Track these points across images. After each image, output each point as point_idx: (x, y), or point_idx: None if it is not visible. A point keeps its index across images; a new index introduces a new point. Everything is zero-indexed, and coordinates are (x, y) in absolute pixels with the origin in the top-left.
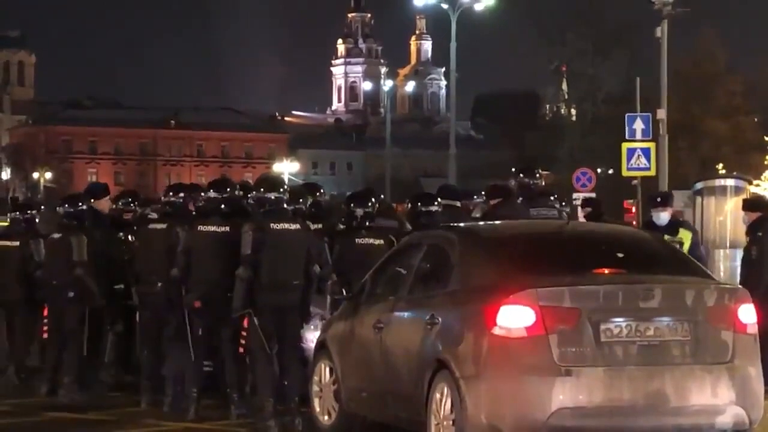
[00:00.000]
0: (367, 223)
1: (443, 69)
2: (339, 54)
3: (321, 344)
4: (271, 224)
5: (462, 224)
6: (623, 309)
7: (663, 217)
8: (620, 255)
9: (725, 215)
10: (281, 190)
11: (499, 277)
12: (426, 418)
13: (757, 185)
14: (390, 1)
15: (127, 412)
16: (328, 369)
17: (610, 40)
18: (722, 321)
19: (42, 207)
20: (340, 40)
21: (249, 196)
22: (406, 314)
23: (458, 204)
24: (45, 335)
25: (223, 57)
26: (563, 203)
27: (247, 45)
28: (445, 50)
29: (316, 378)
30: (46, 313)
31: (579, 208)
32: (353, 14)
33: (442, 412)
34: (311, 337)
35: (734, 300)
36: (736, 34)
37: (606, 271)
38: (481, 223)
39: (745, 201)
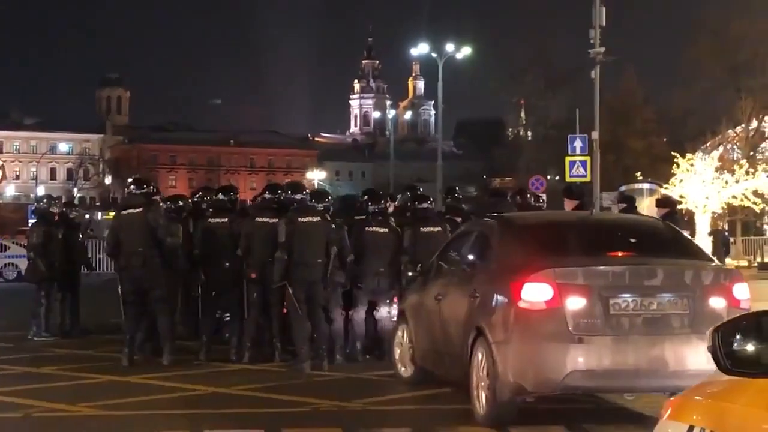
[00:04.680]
0: (379, 217)
1: (433, 102)
2: (355, 91)
3: (401, 312)
4: (299, 218)
5: (504, 214)
6: (630, 286)
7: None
8: (633, 240)
9: (642, 210)
10: (304, 192)
11: (525, 259)
12: (469, 375)
13: (666, 188)
14: (393, 51)
15: (195, 358)
16: (405, 332)
17: (557, 80)
18: (718, 297)
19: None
20: (356, 81)
21: (281, 197)
22: (457, 288)
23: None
24: None
25: (269, 92)
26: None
27: (287, 83)
28: (434, 88)
29: (397, 339)
30: None
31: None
32: (366, 61)
33: (481, 372)
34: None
35: (729, 279)
36: (650, 75)
37: (619, 253)
38: (519, 213)
39: (657, 200)
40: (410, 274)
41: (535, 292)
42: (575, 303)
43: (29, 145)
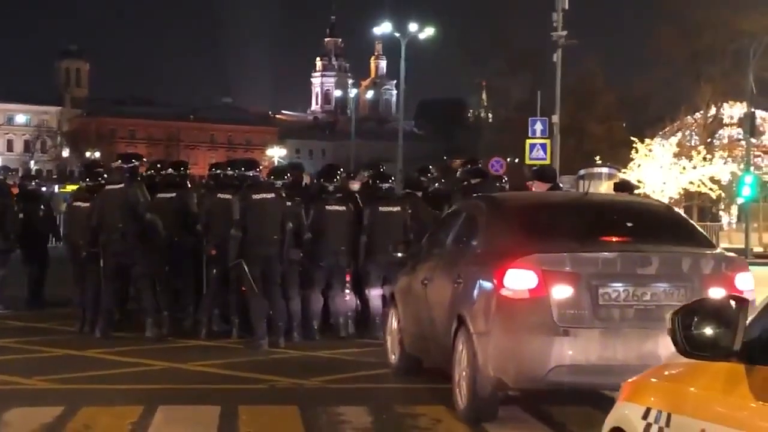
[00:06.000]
0: (337, 195)
1: (395, 81)
2: (317, 69)
3: (391, 295)
4: (253, 195)
5: (493, 194)
6: (621, 275)
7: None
8: (629, 224)
9: None
10: (257, 169)
11: (510, 243)
12: (452, 365)
13: (624, 172)
14: (356, 29)
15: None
16: (394, 316)
17: (519, 62)
18: (718, 287)
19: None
20: (318, 58)
21: (235, 174)
22: (442, 273)
23: None
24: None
25: (231, 68)
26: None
27: (249, 59)
28: (397, 67)
29: (388, 323)
30: None
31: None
32: (328, 39)
33: (462, 363)
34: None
35: (731, 268)
36: (612, 60)
37: (612, 239)
38: (510, 193)
39: (616, 184)
40: (399, 255)
41: (519, 280)
42: (561, 292)
43: None
